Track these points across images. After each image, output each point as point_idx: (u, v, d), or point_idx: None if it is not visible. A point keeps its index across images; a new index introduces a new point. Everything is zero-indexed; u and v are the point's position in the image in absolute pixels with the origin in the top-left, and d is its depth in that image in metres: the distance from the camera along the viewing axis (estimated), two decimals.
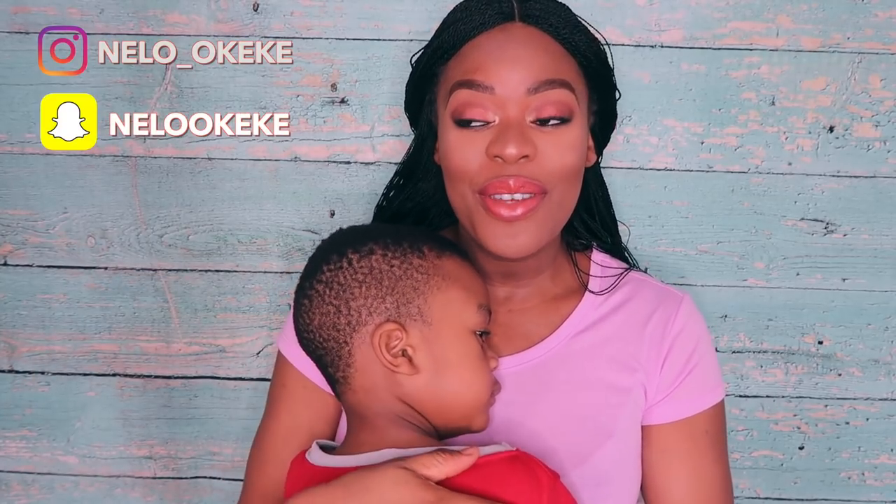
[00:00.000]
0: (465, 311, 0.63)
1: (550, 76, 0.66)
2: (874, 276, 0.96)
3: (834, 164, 0.93)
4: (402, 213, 0.81)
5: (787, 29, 0.90)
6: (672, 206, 0.95)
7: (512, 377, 0.73)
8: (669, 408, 0.73)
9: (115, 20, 0.92)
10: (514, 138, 0.65)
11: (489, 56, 0.67)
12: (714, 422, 0.75)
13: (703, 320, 0.78)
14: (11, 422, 1.04)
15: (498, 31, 0.68)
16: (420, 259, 0.63)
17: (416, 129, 0.79)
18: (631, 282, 0.78)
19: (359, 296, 0.61)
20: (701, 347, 0.75)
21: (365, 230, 0.68)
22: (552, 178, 0.67)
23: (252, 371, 1.01)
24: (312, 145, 0.95)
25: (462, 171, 0.68)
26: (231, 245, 0.98)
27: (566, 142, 0.67)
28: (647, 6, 0.90)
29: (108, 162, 0.96)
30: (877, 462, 1.01)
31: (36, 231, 0.98)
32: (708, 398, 0.74)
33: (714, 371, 0.76)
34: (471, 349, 0.63)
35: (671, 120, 0.93)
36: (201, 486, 1.05)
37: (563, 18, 0.69)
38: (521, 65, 0.66)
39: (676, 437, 0.73)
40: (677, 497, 0.72)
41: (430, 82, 0.73)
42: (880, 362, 0.98)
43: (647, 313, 0.75)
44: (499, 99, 0.66)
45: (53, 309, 1.00)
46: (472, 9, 0.69)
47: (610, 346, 0.74)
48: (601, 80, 0.73)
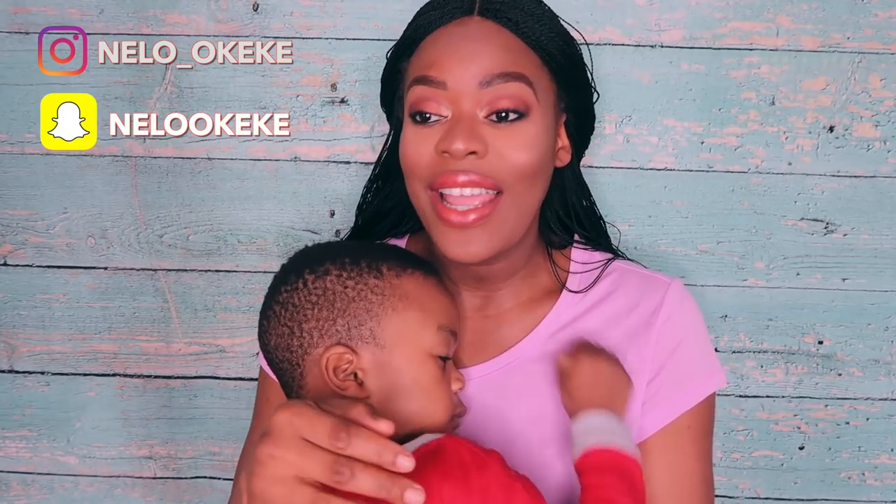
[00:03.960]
0: (422, 333, 0.61)
1: (504, 69, 0.64)
2: (874, 276, 0.96)
3: (834, 164, 0.93)
4: (383, 212, 0.81)
5: (787, 29, 0.90)
6: (672, 206, 0.95)
7: (486, 383, 0.71)
8: (651, 416, 0.70)
9: (115, 20, 0.92)
10: (462, 133, 0.63)
11: (443, 51, 0.66)
12: (699, 416, 0.70)
13: (694, 307, 0.74)
14: (11, 422, 1.04)
15: (454, 26, 0.67)
16: (377, 279, 0.62)
17: (391, 126, 0.78)
18: (614, 272, 0.75)
19: (311, 318, 0.61)
20: (689, 338, 0.72)
21: (326, 249, 0.66)
22: (506, 176, 0.64)
23: (252, 371, 1.01)
24: (312, 145, 0.95)
25: (414, 167, 0.66)
26: (231, 245, 0.98)
27: (521, 139, 0.65)
28: (647, 6, 0.90)
29: (108, 162, 0.96)
30: (877, 462, 1.01)
31: (36, 231, 0.98)
32: (692, 395, 0.70)
33: (703, 363, 0.72)
34: (427, 373, 0.61)
35: (671, 120, 0.93)
36: (201, 486, 1.05)
37: (525, 12, 0.67)
38: (475, 59, 0.64)
39: (655, 444, 0.70)
40: (654, 491, 0.68)
41: (395, 79, 0.73)
42: (880, 362, 0.98)
43: (630, 304, 0.72)
44: (451, 94, 0.64)
45: (53, 309, 1.00)
46: (435, 4, 0.69)
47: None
48: (569, 76, 0.70)
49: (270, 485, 0.47)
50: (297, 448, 0.47)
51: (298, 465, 0.47)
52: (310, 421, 0.48)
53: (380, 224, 0.82)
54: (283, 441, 0.48)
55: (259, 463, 0.48)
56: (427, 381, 0.61)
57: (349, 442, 0.47)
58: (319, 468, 0.46)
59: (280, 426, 0.48)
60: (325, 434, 0.47)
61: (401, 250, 0.69)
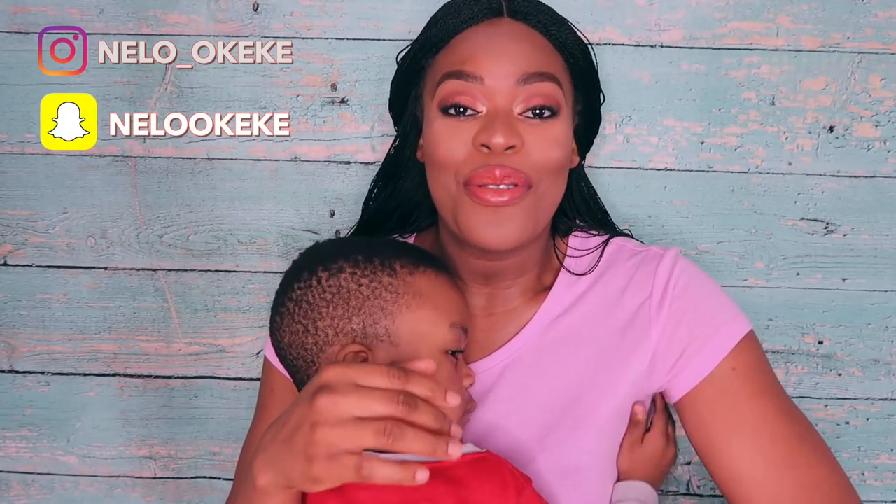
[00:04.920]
0: (435, 330, 0.62)
1: (539, 69, 0.66)
2: (874, 276, 0.96)
3: (834, 164, 0.93)
4: (387, 211, 0.81)
5: (787, 29, 0.90)
6: (672, 206, 0.95)
7: (489, 378, 0.72)
8: (687, 373, 0.68)
9: (115, 20, 0.92)
10: (502, 127, 0.64)
11: (478, 47, 0.67)
12: (741, 357, 0.67)
13: (691, 267, 0.72)
14: (11, 422, 1.04)
15: (487, 25, 0.68)
16: (390, 277, 0.62)
17: (400, 126, 0.78)
18: (609, 251, 0.76)
19: (326, 316, 0.61)
20: (696, 296, 0.70)
21: (338, 246, 0.67)
22: (538, 171, 0.66)
23: (252, 371, 1.01)
24: (312, 145, 0.95)
25: (447, 161, 0.67)
26: (231, 245, 0.98)
27: (552, 136, 0.67)
28: (647, 6, 0.90)
29: (108, 162, 0.96)
30: (877, 462, 1.01)
31: (36, 231, 0.98)
32: (721, 343, 0.67)
33: (720, 312, 0.70)
34: (441, 370, 0.61)
35: (671, 120, 0.93)
36: (201, 486, 1.05)
37: (550, 16, 0.70)
38: (511, 57, 0.66)
39: (704, 398, 0.67)
40: (738, 462, 0.64)
41: (416, 77, 0.73)
42: (880, 362, 0.98)
43: (625, 281, 0.72)
44: (487, 89, 0.66)
45: (53, 309, 1.00)
46: (461, 5, 0.70)
47: (587, 328, 0.72)
48: (587, 79, 0.73)
49: (332, 428, 0.49)
50: (356, 391, 0.50)
51: (361, 405, 0.49)
52: (362, 368, 0.51)
53: (382, 225, 0.82)
54: (341, 388, 0.50)
55: (318, 412, 0.50)
56: (440, 378, 0.61)
57: (406, 379, 0.51)
58: (381, 403, 0.49)
59: (333, 378, 0.51)
60: (379, 376, 0.50)
61: (411, 247, 0.69)
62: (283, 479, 0.52)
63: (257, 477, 0.53)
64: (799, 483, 0.64)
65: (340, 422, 0.49)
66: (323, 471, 0.49)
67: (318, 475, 0.49)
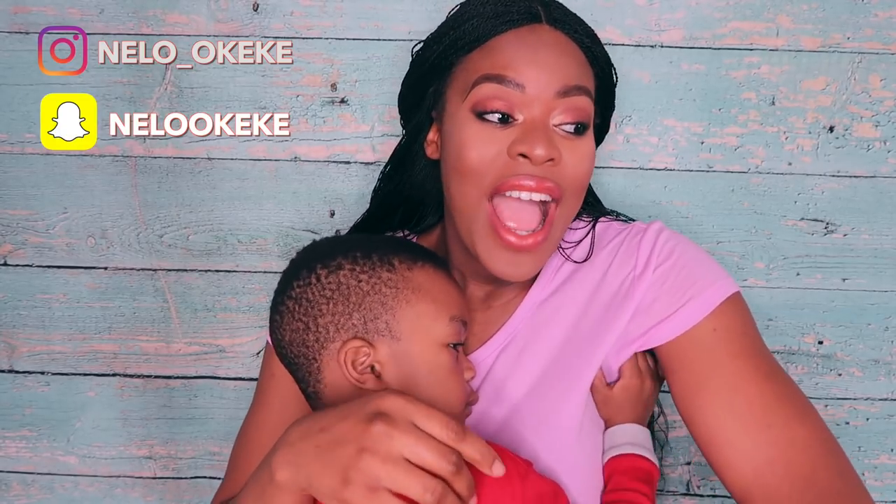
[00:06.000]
0: (435, 324, 0.62)
1: (578, 82, 0.66)
2: (874, 276, 0.96)
3: (834, 164, 0.93)
4: (393, 205, 0.81)
5: (787, 29, 0.90)
6: (672, 206, 0.95)
7: (486, 367, 0.72)
8: (666, 325, 0.67)
9: (115, 20, 0.92)
10: (543, 140, 0.63)
11: (520, 54, 0.65)
12: (723, 318, 0.66)
13: (675, 235, 0.71)
14: (11, 422, 1.04)
15: (527, 31, 0.67)
16: (389, 273, 0.62)
17: (409, 121, 0.77)
18: (597, 233, 0.76)
19: (326, 312, 0.61)
20: (679, 259, 0.69)
21: (335, 243, 0.66)
22: (569, 185, 0.66)
23: (252, 371, 1.01)
24: (312, 145, 0.95)
25: (476, 166, 0.65)
26: (231, 245, 0.98)
27: (585, 151, 0.66)
28: (647, 6, 0.90)
29: (108, 162, 0.96)
30: (877, 462, 1.01)
31: (36, 231, 0.98)
32: (704, 303, 0.66)
33: (705, 272, 0.68)
34: (441, 363, 0.62)
35: (671, 120, 0.93)
36: (201, 486, 1.05)
37: (583, 28, 0.69)
38: (553, 68, 0.65)
39: (685, 356, 0.66)
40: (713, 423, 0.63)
41: (441, 73, 0.71)
42: (880, 362, 0.98)
43: (610, 257, 0.72)
44: (528, 98, 0.64)
45: (53, 309, 1.00)
46: (495, 4, 0.68)
47: (574, 306, 0.72)
48: (609, 95, 0.72)
49: (382, 462, 0.49)
50: (412, 432, 0.50)
51: (414, 449, 0.49)
52: (425, 410, 0.51)
53: (386, 221, 0.81)
54: (400, 424, 0.50)
55: (372, 439, 0.49)
56: (442, 371, 0.62)
57: (462, 438, 0.50)
58: (434, 455, 0.49)
59: (394, 408, 0.51)
60: (438, 424, 0.50)
61: (408, 242, 0.70)
62: (305, 482, 0.52)
63: (277, 471, 0.53)
64: (773, 443, 0.62)
65: (391, 459, 0.49)
66: (356, 497, 0.49)
67: (350, 499, 0.49)
